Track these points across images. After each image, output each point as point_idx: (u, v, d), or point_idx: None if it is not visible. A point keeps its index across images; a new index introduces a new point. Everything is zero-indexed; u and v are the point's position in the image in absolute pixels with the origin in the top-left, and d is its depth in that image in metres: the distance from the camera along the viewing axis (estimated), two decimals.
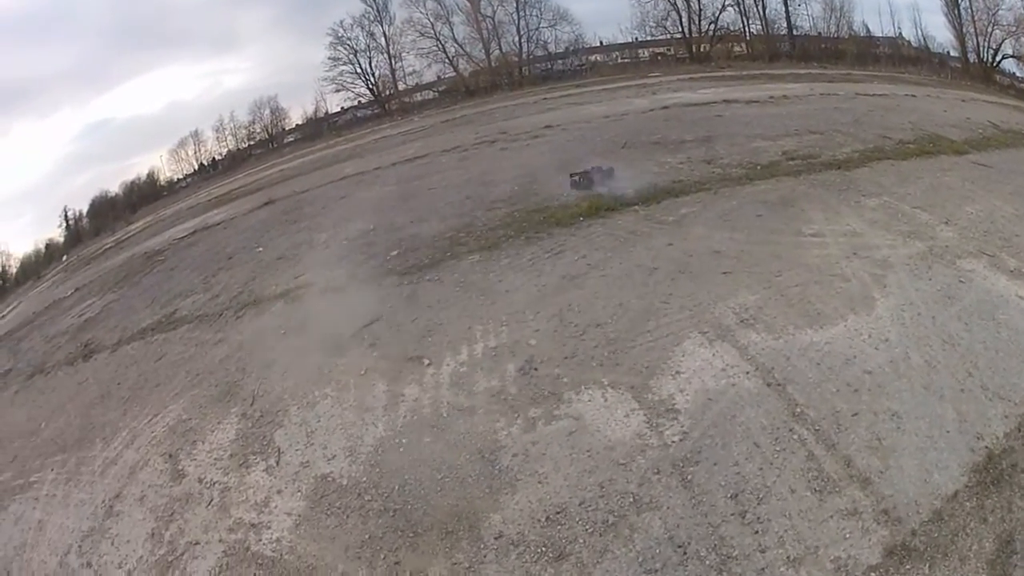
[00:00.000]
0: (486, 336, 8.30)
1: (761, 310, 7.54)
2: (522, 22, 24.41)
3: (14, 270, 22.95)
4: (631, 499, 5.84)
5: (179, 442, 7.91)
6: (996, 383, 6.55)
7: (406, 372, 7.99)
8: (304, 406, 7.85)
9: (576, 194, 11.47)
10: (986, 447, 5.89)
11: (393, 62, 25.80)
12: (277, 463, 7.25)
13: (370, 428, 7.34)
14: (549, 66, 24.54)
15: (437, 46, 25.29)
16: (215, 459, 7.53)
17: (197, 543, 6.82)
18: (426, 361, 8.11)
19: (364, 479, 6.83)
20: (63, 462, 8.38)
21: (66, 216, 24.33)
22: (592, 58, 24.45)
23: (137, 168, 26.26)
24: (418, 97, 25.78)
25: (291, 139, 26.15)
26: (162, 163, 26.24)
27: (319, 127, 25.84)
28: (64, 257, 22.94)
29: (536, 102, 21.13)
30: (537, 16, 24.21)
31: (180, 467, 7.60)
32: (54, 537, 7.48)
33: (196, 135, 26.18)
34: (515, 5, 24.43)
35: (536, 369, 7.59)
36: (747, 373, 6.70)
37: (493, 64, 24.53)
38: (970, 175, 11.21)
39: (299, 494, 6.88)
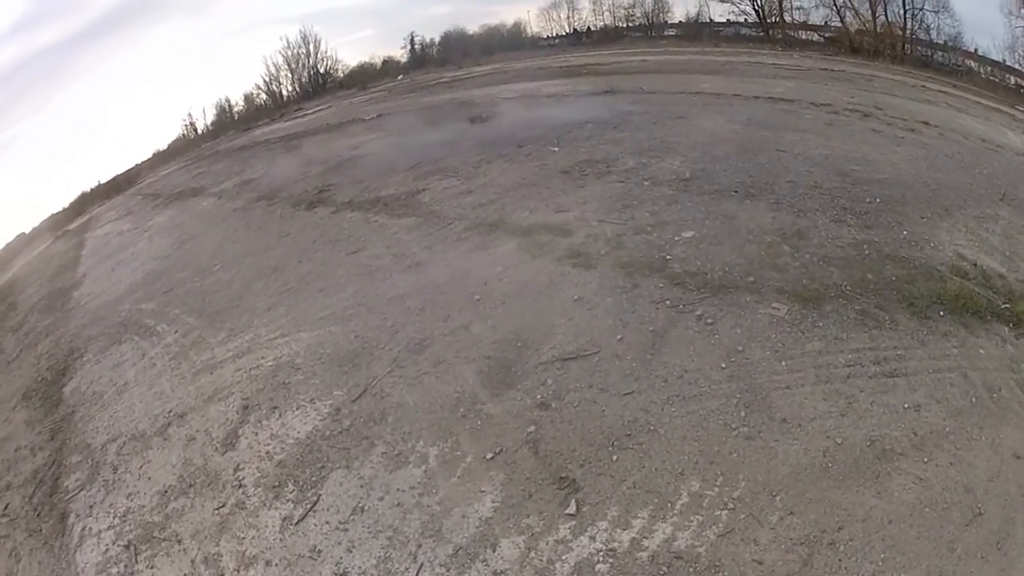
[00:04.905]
0: (687, 514, 4.52)
1: None
2: None
3: (341, 75, 25.19)
4: None
5: (268, 395, 6.23)
6: None
7: (532, 507, 4.86)
8: (395, 457, 5.37)
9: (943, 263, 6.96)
10: None
11: None
12: (300, 519, 5.05)
13: None
14: (930, 53, 22.06)
15: None
16: (266, 452, 5.66)
17: (179, 541, 5.22)
18: (573, 506, 4.84)
19: None
20: (188, 330, 7.54)
21: (412, 41, 25.79)
22: (967, 63, 21.50)
23: (501, 16, 26.92)
24: (802, 35, 24.07)
25: (670, 33, 25.40)
26: (528, 18, 26.40)
27: (699, 31, 24.52)
28: (400, 77, 24.29)
29: (915, 86, 18.06)
30: None
31: (240, 432, 5.95)
32: (119, 413, 6.73)
33: (571, 1, 26.17)
34: None
35: None
36: None
37: (878, 29, 22.42)
38: None
39: None
